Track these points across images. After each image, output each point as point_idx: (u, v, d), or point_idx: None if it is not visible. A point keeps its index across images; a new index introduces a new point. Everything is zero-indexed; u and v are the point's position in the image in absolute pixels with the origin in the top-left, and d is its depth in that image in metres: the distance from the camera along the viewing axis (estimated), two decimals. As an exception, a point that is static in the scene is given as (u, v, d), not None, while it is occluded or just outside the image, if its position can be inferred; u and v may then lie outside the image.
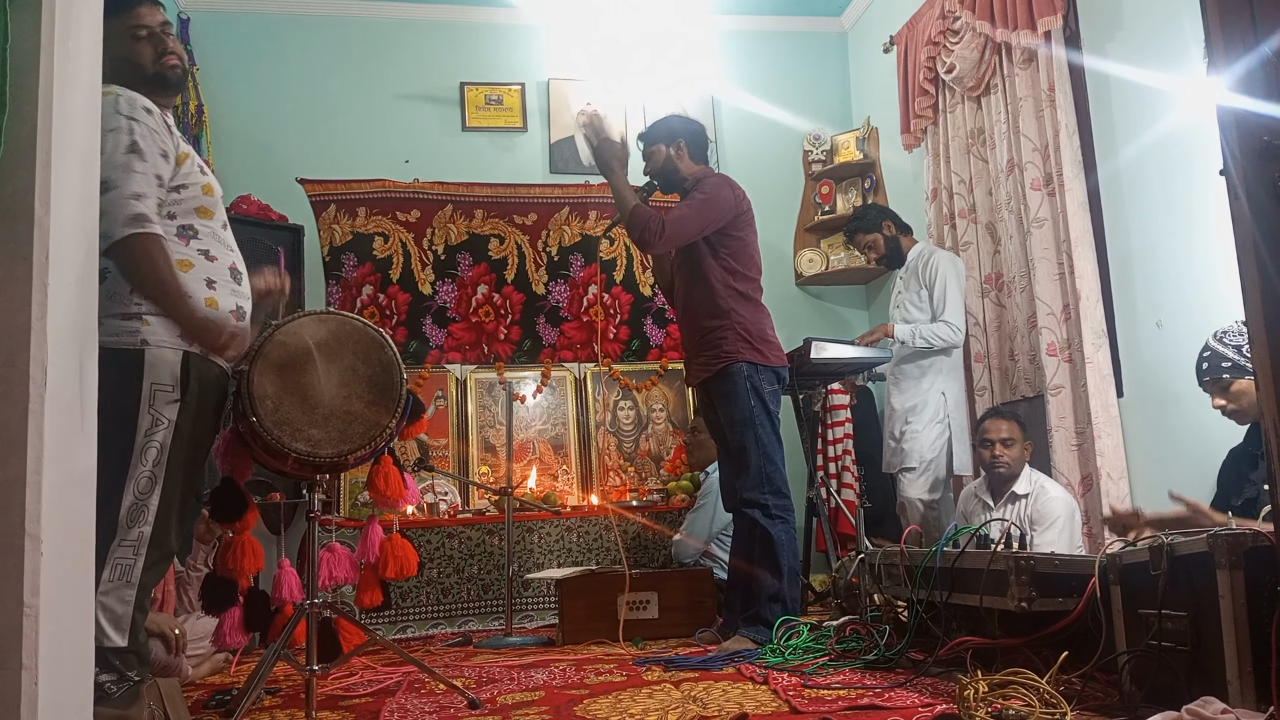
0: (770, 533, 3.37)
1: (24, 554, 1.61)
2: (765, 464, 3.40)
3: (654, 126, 3.74)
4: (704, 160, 3.72)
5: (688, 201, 3.51)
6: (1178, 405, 3.60)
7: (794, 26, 6.23)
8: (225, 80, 5.54)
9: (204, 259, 2.45)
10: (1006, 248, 4.54)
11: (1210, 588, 1.81)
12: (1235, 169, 1.74)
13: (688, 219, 3.46)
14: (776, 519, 3.38)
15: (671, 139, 3.65)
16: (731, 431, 3.45)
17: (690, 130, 3.70)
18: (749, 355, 3.45)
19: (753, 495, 3.40)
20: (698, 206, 3.48)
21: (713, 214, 3.49)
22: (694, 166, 3.66)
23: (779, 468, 3.44)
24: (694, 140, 3.68)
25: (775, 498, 3.40)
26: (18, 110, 1.68)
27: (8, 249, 1.67)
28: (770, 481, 3.40)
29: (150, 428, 2.31)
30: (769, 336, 3.54)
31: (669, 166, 3.65)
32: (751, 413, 3.41)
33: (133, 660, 2.29)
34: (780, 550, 3.36)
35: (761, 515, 3.39)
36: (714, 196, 3.50)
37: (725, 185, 3.57)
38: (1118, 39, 3.94)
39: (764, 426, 3.42)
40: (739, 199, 3.56)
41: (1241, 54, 1.76)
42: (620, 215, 3.49)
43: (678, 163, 3.65)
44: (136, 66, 2.43)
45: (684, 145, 3.65)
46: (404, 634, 4.32)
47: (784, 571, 3.36)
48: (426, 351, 5.23)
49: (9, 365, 1.65)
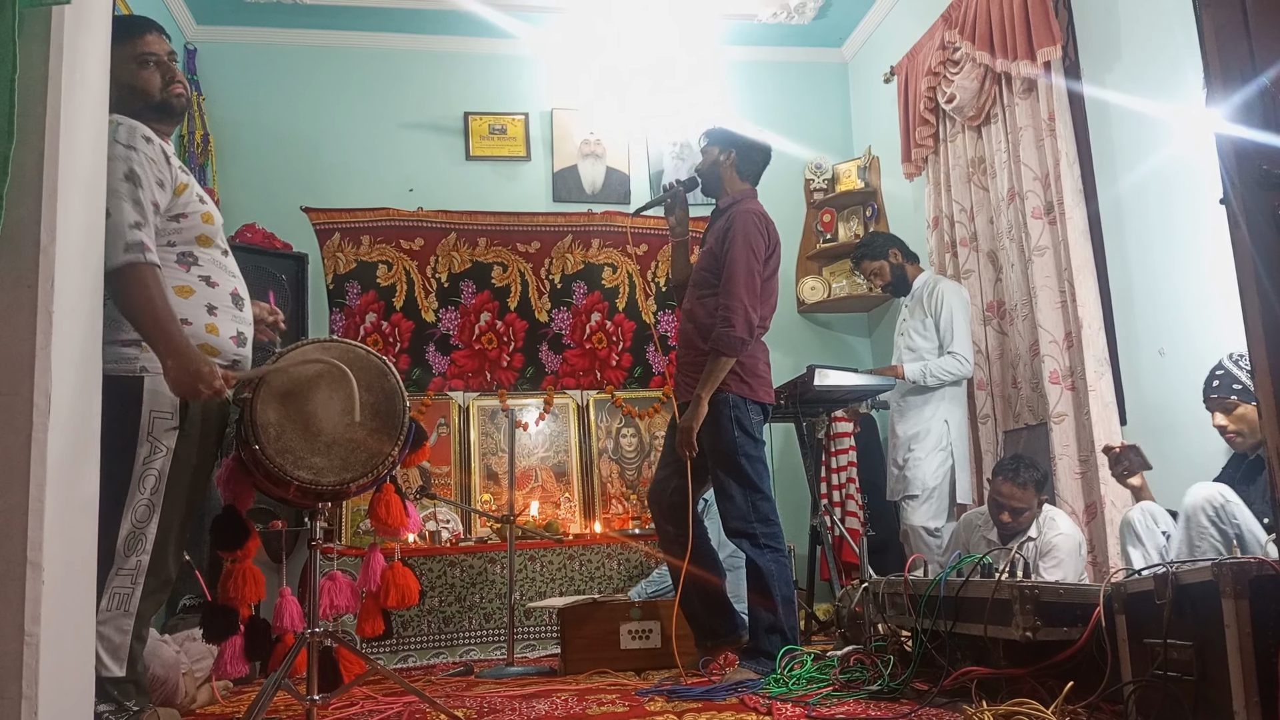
0: (759, 564, 3.33)
1: (25, 581, 1.61)
2: (751, 493, 3.37)
3: (720, 128, 3.75)
4: (751, 180, 3.68)
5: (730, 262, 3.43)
6: (1181, 433, 3.59)
7: (795, 57, 6.28)
8: (231, 110, 5.58)
9: (205, 285, 2.46)
10: (1008, 276, 4.55)
11: (1215, 617, 1.80)
12: (1235, 198, 1.75)
13: (738, 274, 3.40)
14: (765, 549, 3.35)
15: (727, 145, 3.65)
16: (715, 462, 3.43)
17: (748, 145, 3.68)
18: (736, 387, 3.41)
19: (739, 525, 3.37)
20: (739, 252, 3.42)
21: (756, 248, 3.45)
22: (738, 183, 3.64)
23: (765, 496, 3.40)
24: (746, 156, 3.65)
25: (763, 525, 3.37)
26: (25, 139, 1.70)
27: (13, 276, 1.68)
28: (757, 510, 3.37)
29: (149, 455, 2.31)
30: (760, 371, 3.50)
31: (714, 171, 3.66)
32: (735, 443, 3.38)
33: (131, 690, 2.28)
34: (771, 580, 3.33)
35: (750, 545, 3.35)
36: (751, 233, 3.46)
37: (760, 220, 3.51)
38: (1117, 69, 3.97)
39: (746, 456, 3.39)
40: (771, 233, 3.52)
41: (1240, 84, 1.77)
42: (716, 370, 3.39)
43: (722, 170, 3.64)
44: (143, 93, 2.45)
45: (735, 156, 3.64)
46: (405, 663, 4.29)
47: (778, 601, 3.33)
48: (429, 379, 5.24)
49: (12, 393, 1.65)
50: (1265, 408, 1.71)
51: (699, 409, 3.37)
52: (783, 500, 5.02)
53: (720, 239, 3.50)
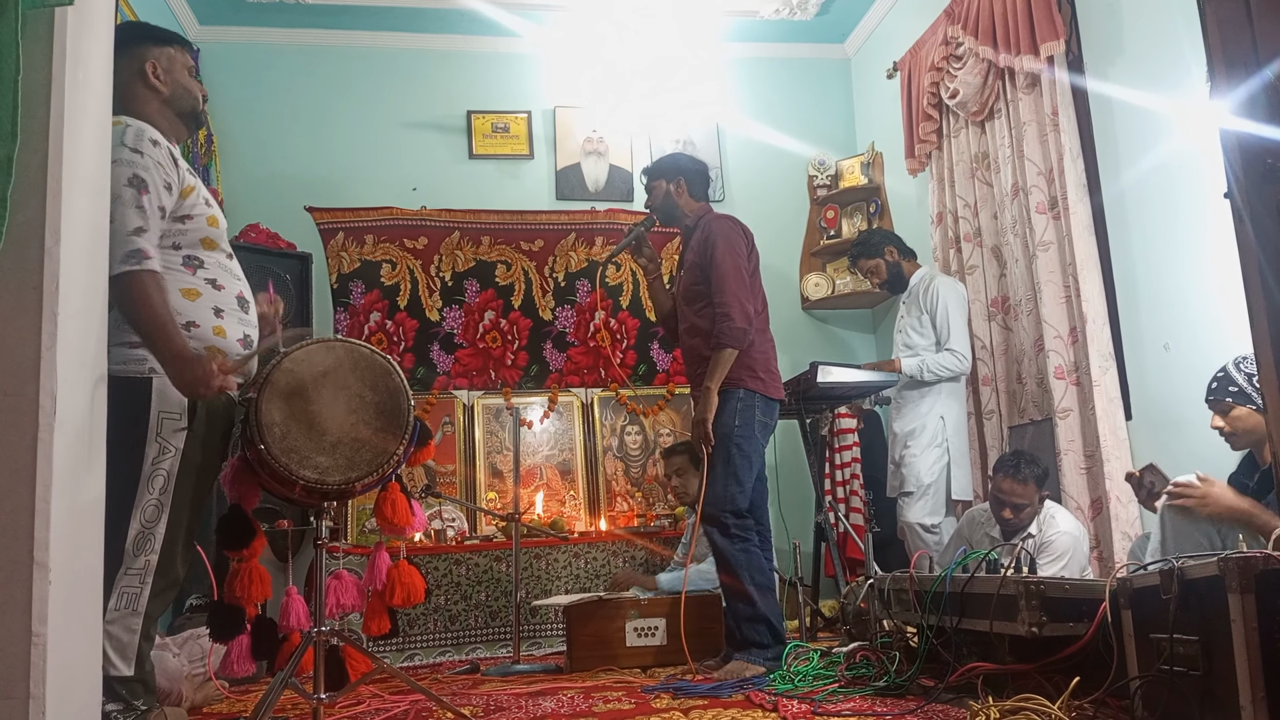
0: (726, 553, 3.37)
1: (32, 582, 1.61)
2: (730, 483, 3.40)
3: (657, 163, 3.84)
4: (704, 198, 3.80)
5: (716, 267, 3.51)
6: (1185, 428, 3.59)
7: (798, 53, 6.27)
8: (235, 110, 5.59)
9: (211, 288, 2.47)
10: (1012, 271, 4.54)
11: (1222, 612, 1.80)
12: (1239, 192, 1.74)
13: (727, 274, 3.48)
14: (735, 538, 3.38)
15: (672, 175, 3.74)
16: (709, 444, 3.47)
17: (692, 168, 3.78)
18: (751, 383, 3.47)
19: (712, 512, 3.41)
20: (723, 255, 3.51)
21: (736, 248, 3.55)
22: (694, 204, 3.75)
23: (744, 489, 3.43)
24: (694, 178, 3.76)
25: (735, 518, 3.40)
26: (28, 141, 1.70)
27: (18, 278, 1.69)
28: (732, 501, 3.40)
29: (158, 456, 2.32)
30: (772, 368, 3.58)
31: (668, 202, 3.74)
32: (733, 431, 3.42)
33: (139, 689, 2.28)
34: (740, 569, 3.35)
35: (719, 534, 3.39)
36: (726, 236, 3.56)
37: (731, 225, 3.62)
38: (1120, 63, 3.96)
39: (739, 448, 3.42)
40: (745, 234, 3.64)
41: (1243, 77, 1.77)
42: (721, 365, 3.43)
43: (676, 199, 3.73)
44: (192, 99, 2.59)
45: (684, 182, 3.74)
46: (411, 662, 4.30)
47: (752, 590, 3.34)
48: (434, 377, 5.25)
49: (18, 394, 1.66)
50: (1269, 400, 1.70)
51: (709, 400, 3.43)
52: (786, 497, 5.06)
53: (699, 250, 3.59)
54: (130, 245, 2.24)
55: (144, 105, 2.49)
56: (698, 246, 3.60)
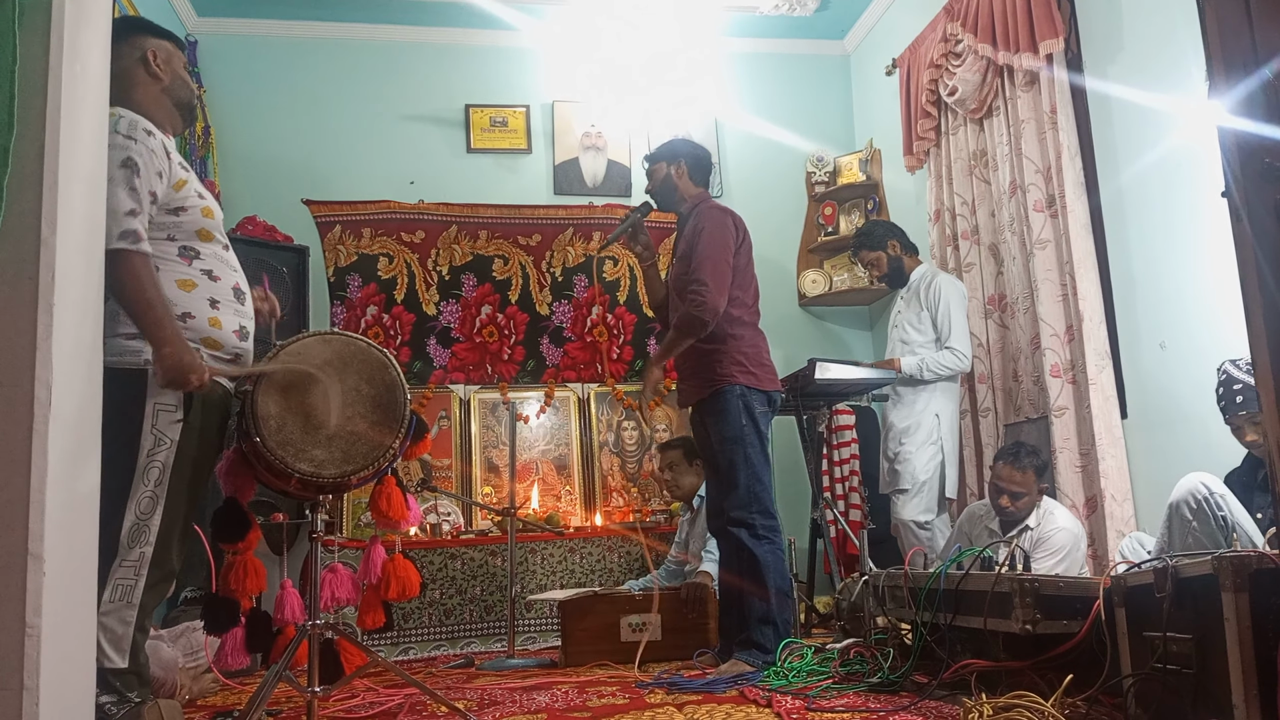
0: (755, 554, 3.35)
1: (26, 573, 1.61)
2: (754, 483, 3.40)
3: (660, 146, 3.82)
4: (704, 185, 3.77)
5: (700, 251, 3.49)
6: (1182, 426, 3.60)
7: (797, 49, 6.27)
8: (232, 102, 5.58)
9: (207, 279, 2.46)
10: (1009, 269, 4.54)
11: (1215, 610, 1.80)
12: (1237, 191, 1.74)
13: (709, 257, 3.46)
14: (763, 539, 3.37)
15: (673, 158, 3.72)
16: (721, 449, 3.45)
17: (693, 153, 3.76)
18: (744, 379, 3.46)
19: (740, 514, 3.40)
20: (709, 241, 3.49)
21: (724, 239, 3.52)
22: (693, 189, 3.72)
23: (767, 488, 3.43)
24: (696, 163, 3.74)
25: (763, 518, 3.39)
26: (25, 132, 1.70)
27: (13, 269, 1.68)
28: (759, 501, 3.39)
29: (153, 447, 2.32)
30: (765, 360, 3.56)
31: (668, 184, 3.72)
32: (742, 431, 3.41)
33: (133, 681, 2.28)
34: (766, 571, 3.35)
35: (748, 535, 3.37)
36: (718, 224, 3.54)
37: (724, 214, 3.60)
38: (1119, 61, 3.96)
39: (754, 446, 3.42)
40: (738, 225, 3.60)
41: (1242, 76, 1.76)
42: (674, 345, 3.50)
43: (676, 181, 3.71)
44: (189, 92, 2.63)
45: (685, 166, 3.71)
46: (406, 655, 4.30)
47: (771, 593, 3.34)
48: (430, 372, 5.24)
49: (13, 385, 1.65)
50: (1265, 398, 1.70)
51: (650, 373, 3.58)
52: (783, 493, 5.03)
53: (690, 239, 3.58)
54: (125, 225, 2.25)
55: (144, 92, 2.49)
56: (689, 236, 3.59)
